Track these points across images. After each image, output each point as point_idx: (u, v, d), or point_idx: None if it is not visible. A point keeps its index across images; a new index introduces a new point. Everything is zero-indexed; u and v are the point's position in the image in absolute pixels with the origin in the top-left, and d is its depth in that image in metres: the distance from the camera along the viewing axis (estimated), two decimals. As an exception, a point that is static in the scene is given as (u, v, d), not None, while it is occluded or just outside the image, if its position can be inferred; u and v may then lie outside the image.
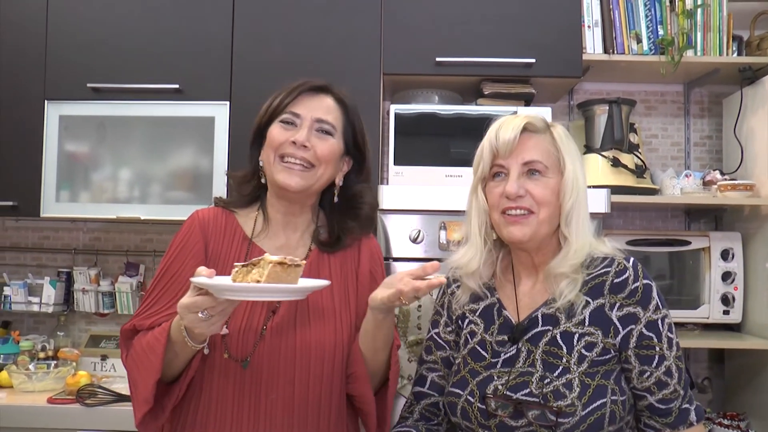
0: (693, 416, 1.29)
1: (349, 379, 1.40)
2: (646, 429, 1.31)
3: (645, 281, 1.29)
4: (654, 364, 1.27)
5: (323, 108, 1.42)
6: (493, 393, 1.27)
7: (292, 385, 1.34)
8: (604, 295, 1.29)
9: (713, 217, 2.67)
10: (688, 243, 2.42)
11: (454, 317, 1.43)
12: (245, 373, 1.32)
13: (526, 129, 1.33)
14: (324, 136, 1.41)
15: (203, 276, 1.14)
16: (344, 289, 1.45)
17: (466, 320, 1.40)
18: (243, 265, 1.17)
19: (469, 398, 1.30)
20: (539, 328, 1.30)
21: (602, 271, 1.30)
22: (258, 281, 1.13)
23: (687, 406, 1.29)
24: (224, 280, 1.18)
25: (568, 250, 1.29)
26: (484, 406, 1.27)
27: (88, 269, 2.62)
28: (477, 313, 1.39)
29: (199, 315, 1.15)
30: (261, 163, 1.43)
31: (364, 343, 1.37)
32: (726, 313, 2.37)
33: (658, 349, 1.27)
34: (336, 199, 1.47)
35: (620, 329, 1.27)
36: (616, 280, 1.29)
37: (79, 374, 2.23)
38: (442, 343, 1.44)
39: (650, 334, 1.27)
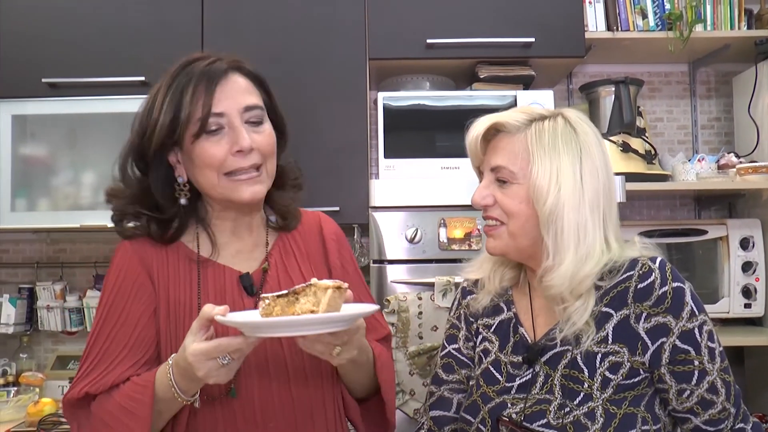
0: None
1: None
2: None
3: (675, 284, 1.08)
4: (694, 381, 1.08)
5: (242, 92, 1.15)
6: (509, 419, 1.12)
7: (293, 407, 1.14)
8: (628, 305, 1.10)
9: (726, 204, 2.51)
10: (705, 232, 2.25)
11: (472, 331, 1.28)
12: (234, 403, 1.12)
13: (497, 129, 1.16)
14: (257, 126, 1.16)
15: (220, 314, 0.96)
16: (312, 274, 1.23)
17: (480, 336, 1.25)
18: (279, 296, 0.99)
19: (480, 427, 1.16)
20: (558, 349, 1.13)
21: (625, 276, 1.11)
22: (313, 311, 0.95)
23: (742, 425, 1.11)
24: (255, 316, 1.00)
25: (553, 264, 1.09)
26: None
27: (53, 284, 2.41)
28: (492, 329, 1.23)
29: (220, 361, 0.97)
30: (181, 180, 1.16)
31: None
32: (747, 306, 2.20)
33: (697, 363, 1.08)
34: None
35: (649, 344, 1.08)
36: (640, 286, 1.09)
37: (42, 402, 2.01)
38: (465, 360, 1.28)
39: (686, 347, 1.08)
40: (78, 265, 2.50)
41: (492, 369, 1.20)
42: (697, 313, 1.08)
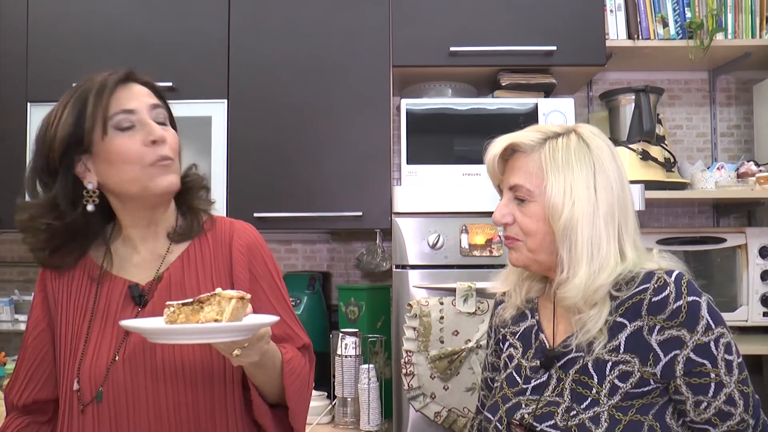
0: None
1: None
2: None
3: (690, 298, 1.10)
4: (711, 393, 1.09)
5: (144, 94, 1.18)
6: (519, 421, 1.16)
7: (159, 418, 1.14)
8: (642, 317, 1.12)
9: (745, 212, 2.51)
10: (723, 240, 2.26)
11: (496, 339, 1.35)
12: (102, 409, 1.14)
13: (515, 149, 1.21)
14: (163, 126, 1.19)
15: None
16: (209, 289, 1.19)
17: (507, 343, 1.31)
18: (184, 304, 1.01)
19: (498, 425, 1.21)
20: (572, 355, 1.17)
21: (640, 288, 1.13)
22: (217, 320, 0.98)
23: None
24: (160, 323, 1.02)
25: (568, 276, 1.13)
26: None
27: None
28: (517, 336, 1.29)
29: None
30: (90, 186, 1.17)
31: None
32: (766, 315, 2.21)
33: (713, 375, 1.09)
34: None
35: (661, 356, 1.10)
36: (654, 299, 1.11)
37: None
38: (487, 364, 1.40)
39: (702, 360, 1.09)
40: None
41: (514, 373, 1.25)
42: (713, 326, 1.09)
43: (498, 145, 1.22)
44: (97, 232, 1.23)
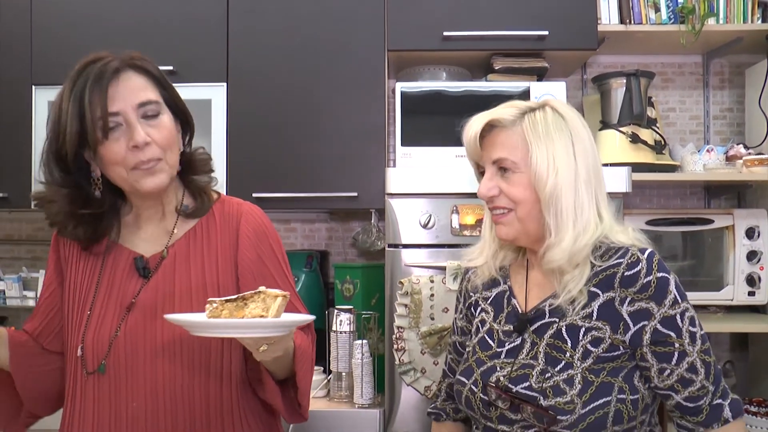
0: (727, 412, 1.20)
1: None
2: (680, 429, 1.24)
3: (660, 274, 1.19)
4: (674, 361, 1.18)
5: (135, 89, 1.20)
6: (495, 383, 1.23)
7: (155, 392, 1.19)
8: (615, 289, 1.20)
9: (735, 194, 2.55)
10: (711, 221, 2.31)
11: (467, 304, 1.42)
12: (103, 380, 1.20)
13: (492, 125, 1.27)
14: (153, 120, 1.20)
15: None
16: (215, 274, 1.27)
17: (479, 308, 1.38)
18: (227, 300, 1.07)
19: (473, 387, 1.28)
20: (546, 320, 1.25)
21: (615, 262, 1.21)
22: (263, 316, 1.04)
23: (720, 401, 1.20)
24: (203, 317, 1.07)
25: (555, 241, 1.20)
26: (486, 397, 1.24)
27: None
28: (489, 301, 1.36)
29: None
30: (94, 175, 1.23)
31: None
32: (751, 294, 2.26)
33: (678, 345, 1.18)
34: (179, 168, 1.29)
35: (630, 325, 1.19)
36: (627, 273, 1.20)
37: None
38: (455, 328, 1.46)
39: (667, 332, 1.18)
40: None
41: (486, 337, 1.32)
42: (680, 301, 1.19)
43: (477, 122, 1.27)
44: (111, 205, 1.27)
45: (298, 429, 1.90)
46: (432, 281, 1.94)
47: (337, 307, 2.12)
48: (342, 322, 2.06)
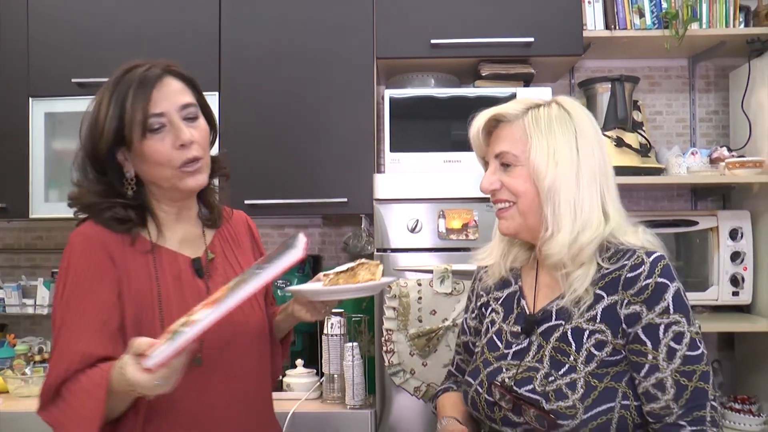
0: None
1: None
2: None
3: (660, 279, 1.15)
4: (643, 372, 1.15)
5: (176, 92, 1.27)
6: (500, 384, 1.23)
7: (242, 379, 1.33)
8: (618, 292, 1.18)
9: (721, 196, 2.59)
10: (696, 223, 2.34)
11: (478, 304, 1.42)
12: (198, 371, 1.25)
13: (498, 120, 1.29)
14: (193, 122, 1.28)
15: (145, 350, 1.03)
16: (248, 263, 1.39)
17: (489, 308, 1.38)
18: (339, 272, 1.30)
19: (479, 388, 1.28)
20: (552, 322, 1.24)
21: (621, 264, 1.19)
22: (371, 279, 1.30)
23: (682, 423, 1.13)
24: (317, 286, 1.32)
25: (552, 233, 1.20)
26: (490, 398, 1.24)
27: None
28: (500, 302, 1.36)
29: (156, 383, 1.04)
30: (129, 175, 1.28)
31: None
32: (735, 294, 2.30)
33: (651, 357, 1.14)
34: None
35: (626, 329, 1.17)
36: (629, 275, 1.17)
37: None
38: (466, 328, 1.46)
39: (644, 339, 1.14)
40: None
41: (495, 338, 1.32)
42: (671, 311, 1.13)
43: (482, 117, 1.29)
44: (145, 207, 1.32)
45: (292, 428, 1.94)
46: (419, 284, 1.98)
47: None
48: (333, 325, 2.10)
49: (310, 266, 2.49)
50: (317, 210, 2.27)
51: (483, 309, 1.40)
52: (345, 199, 2.20)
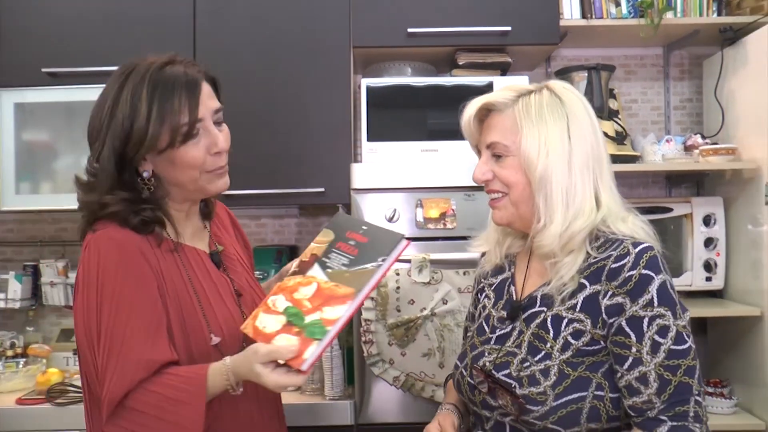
0: (663, 430, 1.10)
1: None
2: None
3: (645, 271, 1.12)
4: (626, 366, 1.12)
5: (209, 96, 1.26)
6: (480, 368, 1.24)
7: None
8: (601, 282, 1.16)
9: (695, 182, 2.62)
10: (671, 210, 2.37)
11: (475, 290, 1.44)
12: None
13: (489, 109, 1.27)
14: (221, 126, 1.28)
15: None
16: (246, 257, 1.50)
17: (483, 294, 1.39)
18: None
19: (463, 371, 1.29)
20: (536, 308, 1.24)
21: (607, 254, 1.17)
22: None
23: (662, 418, 1.10)
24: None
25: (545, 224, 1.19)
26: (472, 381, 1.25)
27: (56, 261, 2.53)
28: (493, 288, 1.37)
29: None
30: (146, 175, 1.24)
31: None
32: (708, 279, 2.34)
33: (634, 350, 1.11)
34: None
35: (606, 320, 1.15)
36: (613, 266, 1.15)
37: (50, 372, 2.15)
38: (469, 314, 1.48)
39: (629, 331, 1.12)
40: (79, 243, 2.61)
41: (484, 323, 1.33)
42: (655, 304, 1.11)
43: (472, 106, 1.28)
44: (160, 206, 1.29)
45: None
46: (398, 274, 1.98)
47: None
48: (312, 316, 2.09)
49: (287, 256, 2.48)
50: (294, 200, 2.25)
51: (479, 295, 1.41)
52: (322, 189, 2.19)
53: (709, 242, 2.32)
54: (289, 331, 1.14)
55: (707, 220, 2.33)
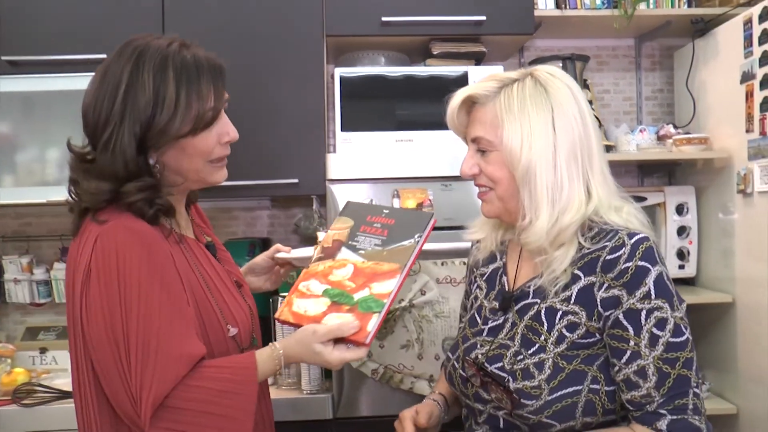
0: (663, 424, 1.09)
1: None
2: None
3: (641, 263, 1.09)
4: (624, 359, 1.10)
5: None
6: (473, 360, 1.21)
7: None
8: (596, 273, 1.13)
9: (667, 172, 2.65)
10: (644, 199, 2.39)
11: (468, 281, 1.43)
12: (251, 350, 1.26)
13: (473, 101, 1.24)
14: (226, 116, 1.27)
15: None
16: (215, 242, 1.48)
17: (475, 285, 1.37)
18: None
19: (455, 364, 1.27)
20: (529, 300, 1.21)
21: (602, 245, 1.13)
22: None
23: (662, 412, 1.09)
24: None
25: (530, 221, 1.16)
26: (464, 374, 1.24)
27: (20, 257, 2.45)
28: (484, 278, 1.35)
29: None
30: (152, 162, 1.17)
31: None
32: (681, 267, 2.37)
33: (633, 343, 1.09)
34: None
35: (602, 312, 1.12)
36: (608, 257, 1.12)
37: (15, 372, 2.08)
38: (462, 305, 1.48)
39: (626, 324, 1.09)
40: (44, 238, 2.55)
41: (476, 314, 1.31)
42: (653, 296, 1.08)
43: (456, 98, 1.25)
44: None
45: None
46: (375, 266, 1.95)
47: (281, 294, 2.12)
48: (287, 309, 2.06)
49: (260, 249, 2.43)
50: (267, 191, 2.21)
51: (470, 285, 1.39)
52: (296, 180, 2.15)
53: (681, 231, 2.35)
54: (338, 310, 1.18)
55: (680, 209, 2.36)
